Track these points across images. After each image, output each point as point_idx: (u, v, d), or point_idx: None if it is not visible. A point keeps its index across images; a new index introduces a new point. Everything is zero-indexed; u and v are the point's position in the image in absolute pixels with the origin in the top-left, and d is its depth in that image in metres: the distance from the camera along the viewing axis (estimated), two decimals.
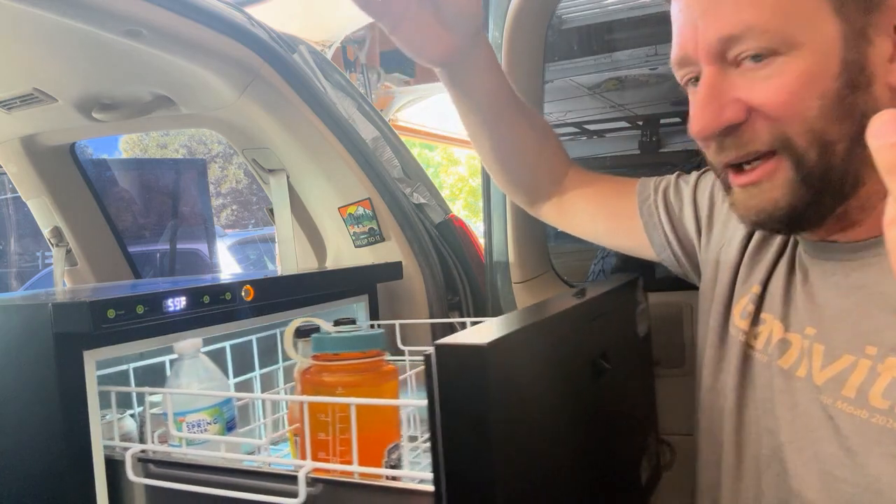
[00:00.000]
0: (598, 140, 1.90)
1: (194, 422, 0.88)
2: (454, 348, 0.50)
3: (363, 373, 0.80)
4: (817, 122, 0.58)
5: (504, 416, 0.51)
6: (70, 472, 0.78)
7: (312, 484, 0.71)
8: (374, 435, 0.78)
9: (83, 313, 0.74)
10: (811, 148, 0.59)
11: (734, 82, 0.60)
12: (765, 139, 0.60)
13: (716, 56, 0.60)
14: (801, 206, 0.61)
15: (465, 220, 1.60)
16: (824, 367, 0.64)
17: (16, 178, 1.63)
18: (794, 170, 0.60)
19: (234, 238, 6.01)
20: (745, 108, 0.60)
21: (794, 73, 0.57)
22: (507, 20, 1.19)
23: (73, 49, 1.10)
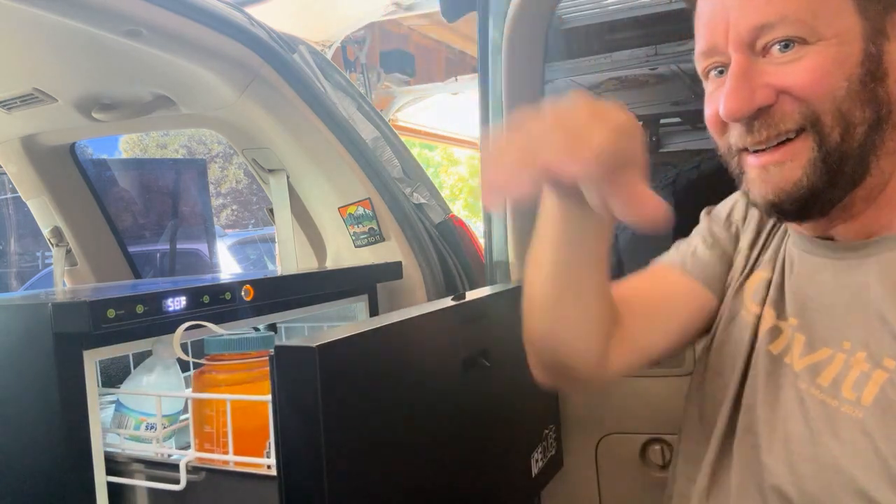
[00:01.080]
0: None
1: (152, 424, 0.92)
2: (291, 350, 0.57)
3: (246, 371, 0.91)
4: (845, 101, 0.62)
5: (338, 412, 0.56)
6: (70, 471, 0.78)
7: (195, 472, 0.81)
8: (254, 428, 0.86)
9: (83, 313, 0.74)
10: (836, 127, 0.63)
11: (762, 69, 0.64)
12: (795, 118, 0.64)
13: (746, 45, 0.64)
14: (819, 187, 0.64)
15: (465, 220, 1.60)
16: (803, 355, 0.70)
17: (16, 178, 1.63)
18: (816, 148, 0.64)
19: (234, 238, 6.01)
20: (774, 92, 0.64)
21: (822, 57, 0.62)
22: (507, 20, 1.19)
23: (73, 49, 1.10)
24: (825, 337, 0.69)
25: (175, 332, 0.89)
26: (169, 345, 0.87)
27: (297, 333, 1.31)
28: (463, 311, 0.82)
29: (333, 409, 0.56)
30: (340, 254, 1.46)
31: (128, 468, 0.85)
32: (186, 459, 0.81)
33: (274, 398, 0.57)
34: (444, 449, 0.74)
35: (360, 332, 0.62)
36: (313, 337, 0.60)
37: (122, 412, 0.93)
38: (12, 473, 0.81)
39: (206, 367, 0.94)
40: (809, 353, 0.69)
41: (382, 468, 0.64)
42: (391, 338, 0.66)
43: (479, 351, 0.83)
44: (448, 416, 0.74)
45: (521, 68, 1.24)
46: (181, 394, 0.94)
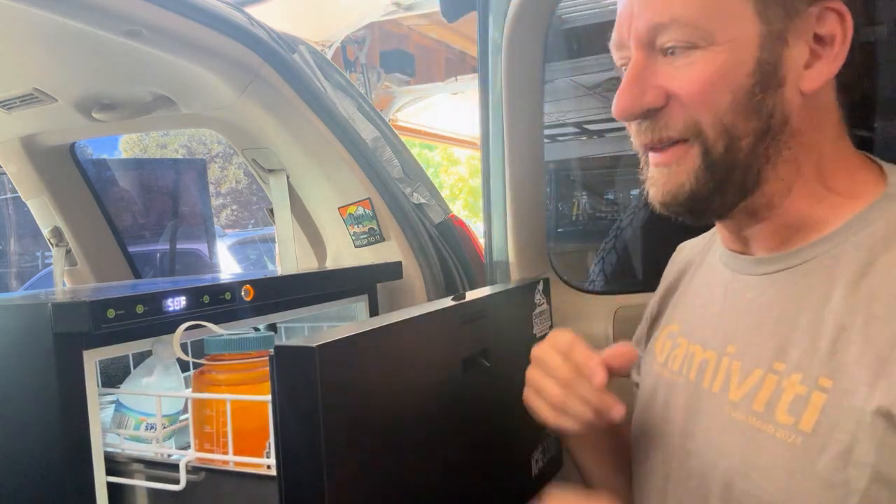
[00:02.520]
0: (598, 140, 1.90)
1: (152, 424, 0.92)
2: (290, 350, 0.56)
3: (246, 371, 0.91)
4: (727, 115, 0.61)
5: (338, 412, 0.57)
6: (70, 471, 0.78)
7: (194, 472, 0.81)
8: (254, 428, 0.86)
9: (83, 313, 0.74)
10: (719, 139, 0.62)
11: (658, 69, 0.63)
12: (679, 126, 0.63)
13: (645, 43, 0.63)
14: (704, 193, 0.64)
15: (465, 220, 1.60)
16: (741, 382, 0.66)
17: (16, 178, 1.63)
18: (701, 157, 0.63)
19: (234, 238, 6.01)
20: (664, 95, 0.63)
21: (711, 66, 0.61)
22: (507, 20, 1.19)
23: (73, 49, 1.10)
24: (756, 359, 0.65)
25: (175, 332, 0.89)
26: (169, 345, 0.87)
27: (298, 333, 1.31)
28: (463, 311, 0.82)
29: (333, 409, 0.56)
30: (340, 254, 1.46)
31: (127, 468, 0.85)
32: (186, 459, 0.81)
33: (274, 398, 0.58)
34: (443, 449, 0.74)
35: (360, 333, 0.62)
36: (313, 337, 0.60)
37: (122, 412, 0.93)
38: (12, 473, 0.81)
39: (206, 367, 0.94)
40: (745, 379, 0.65)
41: (382, 468, 0.64)
42: (391, 338, 0.66)
43: (479, 351, 0.83)
44: (448, 416, 0.74)
45: (521, 68, 1.24)
46: (181, 394, 0.94)
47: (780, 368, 0.62)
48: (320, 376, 0.55)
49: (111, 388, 1.01)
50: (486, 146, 1.36)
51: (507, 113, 1.27)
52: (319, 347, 0.55)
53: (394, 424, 0.65)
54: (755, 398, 0.63)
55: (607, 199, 1.98)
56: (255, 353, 0.93)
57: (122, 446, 0.90)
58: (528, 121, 1.31)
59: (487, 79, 1.30)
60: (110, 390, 1.00)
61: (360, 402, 0.61)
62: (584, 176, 1.97)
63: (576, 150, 1.91)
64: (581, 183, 1.98)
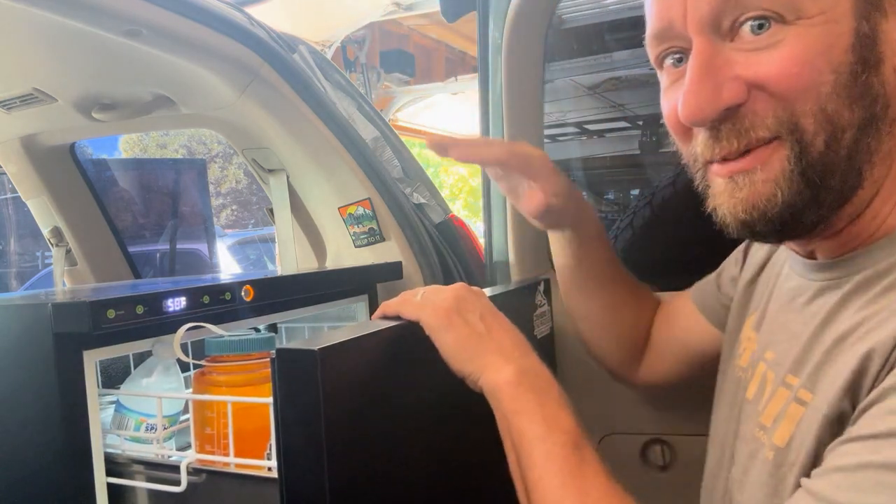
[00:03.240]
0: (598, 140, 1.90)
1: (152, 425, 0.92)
2: (292, 353, 0.56)
3: (248, 373, 0.90)
4: (831, 100, 0.50)
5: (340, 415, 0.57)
6: (70, 471, 0.78)
7: (195, 473, 0.81)
8: (254, 430, 0.86)
9: (83, 313, 0.74)
10: (820, 133, 0.50)
11: (730, 57, 0.52)
12: (769, 123, 0.51)
13: (709, 25, 0.52)
14: (799, 205, 0.52)
15: (465, 220, 1.60)
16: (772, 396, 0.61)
17: (16, 178, 1.63)
18: (794, 160, 0.51)
19: (234, 238, 6.01)
20: (745, 87, 0.51)
21: (804, 41, 0.49)
22: (507, 20, 1.19)
23: (73, 49, 1.10)
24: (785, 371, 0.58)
25: (175, 332, 0.89)
26: (169, 345, 0.87)
27: (298, 334, 1.31)
28: None
29: (334, 412, 0.56)
30: (340, 254, 1.46)
31: (128, 469, 0.85)
32: (187, 461, 0.81)
33: (275, 401, 0.57)
34: (446, 451, 0.74)
35: (362, 335, 0.62)
36: (314, 339, 0.59)
37: (123, 413, 0.93)
38: (12, 473, 0.81)
39: (207, 368, 0.94)
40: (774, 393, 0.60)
41: (384, 471, 0.64)
42: (393, 340, 0.66)
43: None
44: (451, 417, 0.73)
45: (521, 68, 1.24)
46: (182, 395, 0.94)
47: (792, 383, 0.56)
48: (322, 379, 0.55)
49: (111, 389, 1.01)
50: None
51: (507, 113, 1.27)
52: (321, 350, 0.55)
53: (395, 427, 0.65)
54: (765, 411, 0.60)
55: (607, 199, 1.98)
56: (255, 354, 0.93)
57: (122, 447, 0.90)
58: (528, 121, 1.31)
59: (487, 79, 1.30)
60: (110, 391, 1.00)
61: (361, 404, 0.61)
62: (584, 176, 1.97)
63: (576, 150, 1.91)
64: (581, 183, 1.98)
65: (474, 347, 0.64)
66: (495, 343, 0.65)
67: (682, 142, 0.60)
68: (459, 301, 0.67)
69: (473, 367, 0.64)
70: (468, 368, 0.64)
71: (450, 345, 0.65)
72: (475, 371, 0.64)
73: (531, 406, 0.61)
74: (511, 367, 0.63)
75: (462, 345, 0.65)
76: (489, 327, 0.66)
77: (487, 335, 0.65)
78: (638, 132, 1.81)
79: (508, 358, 0.64)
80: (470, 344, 0.65)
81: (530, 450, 0.59)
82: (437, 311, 0.66)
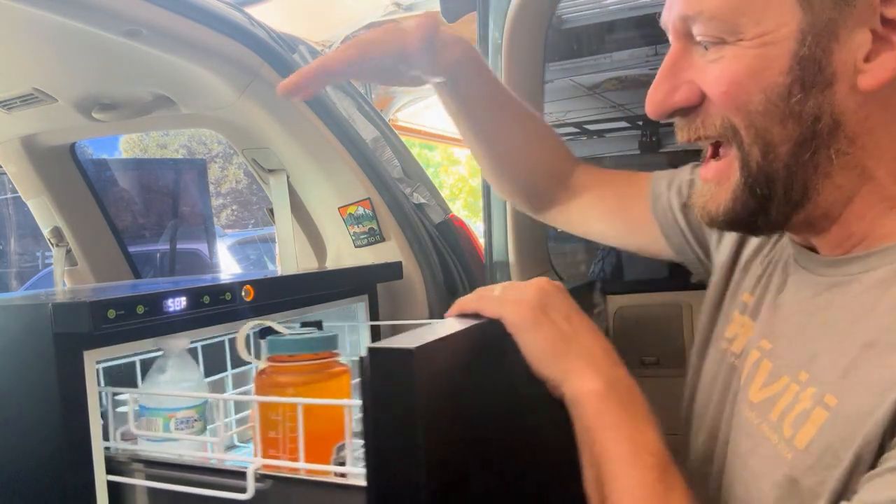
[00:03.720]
0: (598, 140, 1.90)
1: (184, 418, 0.89)
2: (385, 352, 0.53)
3: (313, 373, 0.84)
4: (759, 118, 0.55)
5: (434, 417, 0.53)
6: (70, 471, 0.78)
7: (261, 480, 0.75)
8: (322, 433, 0.81)
9: (83, 313, 0.74)
10: (754, 145, 0.56)
11: (693, 62, 0.58)
12: (716, 125, 0.58)
13: (681, 33, 0.58)
14: (744, 213, 0.59)
15: (465, 220, 1.60)
16: (765, 385, 0.62)
17: (16, 178, 1.63)
18: (740, 171, 0.58)
19: (234, 238, 6.02)
20: (698, 92, 0.58)
21: (738, 63, 0.54)
22: (507, 20, 1.19)
23: (73, 49, 1.10)
24: (788, 364, 0.60)
25: (175, 333, 0.89)
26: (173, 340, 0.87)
27: None
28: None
29: (431, 415, 0.52)
30: (340, 254, 1.46)
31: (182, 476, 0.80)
32: (254, 467, 0.75)
33: (365, 403, 0.53)
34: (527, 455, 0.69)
35: (452, 333, 0.57)
36: (404, 336, 0.56)
37: (147, 415, 0.90)
38: (12, 473, 0.81)
39: (270, 368, 0.88)
40: (771, 384, 0.61)
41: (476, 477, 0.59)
42: (477, 338, 0.61)
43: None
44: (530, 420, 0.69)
45: (521, 68, 1.24)
46: (248, 398, 0.87)
47: (803, 379, 0.57)
48: (419, 380, 0.51)
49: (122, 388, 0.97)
50: None
51: None
52: (418, 349, 0.51)
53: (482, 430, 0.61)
54: (774, 406, 0.59)
55: None
56: (319, 354, 0.86)
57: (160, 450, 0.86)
58: None
59: None
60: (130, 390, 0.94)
61: (452, 406, 0.55)
62: None
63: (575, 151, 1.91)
64: None
65: (560, 350, 0.61)
66: (582, 347, 0.61)
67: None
68: (544, 296, 0.63)
69: (557, 370, 0.61)
70: (551, 372, 0.61)
71: (534, 345, 0.61)
72: (558, 375, 0.60)
73: (618, 422, 0.58)
74: (598, 376, 0.59)
75: (547, 346, 0.61)
76: (576, 329, 0.62)
77: (574, 338, 0.62)
78: (638, 132, 1.81)
79: (596, 366, 0.60)
80: (555, 346, 0.61)
81: (615, 471, 0.56)
82: (520, 308, 0.61)
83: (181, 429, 0.89)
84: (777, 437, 0.57)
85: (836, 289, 0.59)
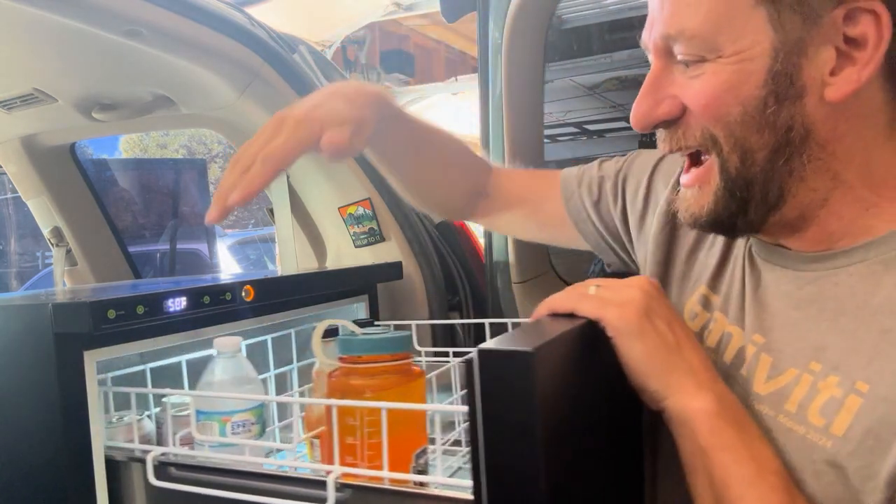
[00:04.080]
0: (598, 140, 1.90)
1: (239, 422, 0.86)
2: (499, 353, 0.49)
3: (392, 375, 0.78)
4: (738, 128, 0.59)
5: (550, 425, 0.49)
6: (70, 472, 0.78)
7: (341, 489, 0.70)
8: (403, 439, 0.76)
9: (84, 314, 0.74)
10: (733, 152, 0.60)
11: (675, 78, 0.62)
12: (696, 136, 0.62)
13: (662, 51, 0.62)
14: (725, 215, 0.62)
15: None
16: (770, 378, 0.63)
17: (16, 178, 1.63)
18: (720, 176, 0.61)
19: (234, 238, 6.02)
20: (680, 105, 0.62)
21: (718, 78, 0.59)
22: (507, 20, 1.19)
23: (73, 49, 1.10)
24: (792, 357, 0.61)
25: (175, 333, 0.89)
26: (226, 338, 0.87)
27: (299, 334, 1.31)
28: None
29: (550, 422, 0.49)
30: (340, 254, 1.46)
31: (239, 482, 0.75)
32: (334, 475, 0.70)
33: (472, 409, 0.50)
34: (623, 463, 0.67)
35: (565, 332, 0.54)
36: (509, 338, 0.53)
37: (202, 419, 0.86)
38: (12, 473, 0.81)
39: (344, 370, 0.82)
40: (776, 376, 0.62)
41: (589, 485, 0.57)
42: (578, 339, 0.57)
43: None
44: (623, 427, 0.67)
45: (521, 68, 1.24)
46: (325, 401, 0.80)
47: (816, 369, 0.59)
48: (539, 384, 0.48)
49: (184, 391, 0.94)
50: (486, 146, 1.36)
51: (507, 113, 1.28)
52: (538, 350, 0.48)
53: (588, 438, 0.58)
54: (788, 397, 0.60)
55: None
56: (400, 354, 0.81)
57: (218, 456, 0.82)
58: (528, 121, 1.31)
59: (487, 79, 1.31)
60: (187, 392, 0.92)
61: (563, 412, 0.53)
62: None
63: (576, 151, 1.90)
64: None
65: (663, 362, 0.58)
66: (685, 360, 0.59)
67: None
68: (649, 300, 0.61)
69: (660, 385, 0.58)
70: (653, 385, 0.58)
71: (637, 355, 0.58)
72: (661, 390, 0.58)
73: (735, 442, 0.56)
74: (707, 393, 0.58)
75: (650, 357, 0.58)
76: (678, 340, 0.60)
77: (677, 349, 0.59)
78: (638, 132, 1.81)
79: (700, 382, 0.59)
80: (659, 357, 0.58)
81: (740, 493, 0.55)
82: (624, 311, 0.59)
83: (237, 433, 0.86)
84: (805, 428, 0.58)
85: (821, 282, 0.62)
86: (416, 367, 0.82)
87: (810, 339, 0.61)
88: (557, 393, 0.52)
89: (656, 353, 0.58)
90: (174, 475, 0.79)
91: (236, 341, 0.90)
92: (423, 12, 4.86)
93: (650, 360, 0.58)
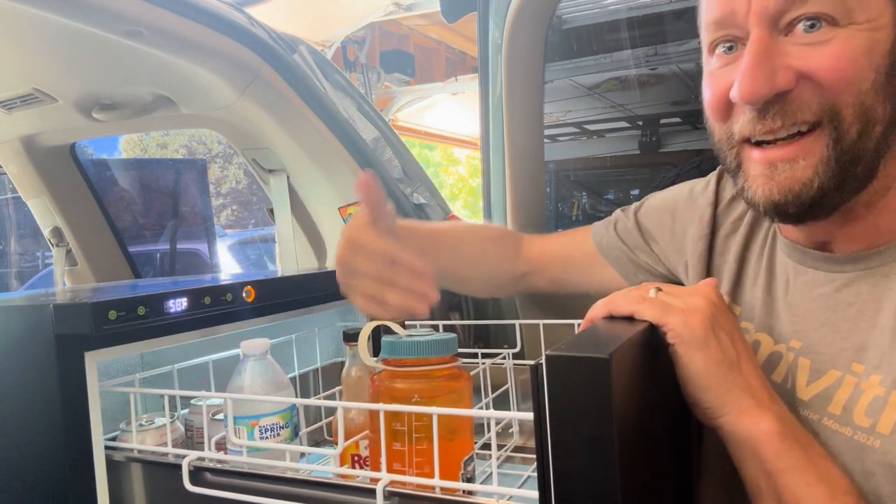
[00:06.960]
0: (598, 140, 1.90)
1: (267, 425, 0.85)
2: (570, 360, 0.47)
3: (440, 379, 0.75)
4: (868, 95, 0.57)
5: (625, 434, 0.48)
6: (71, 473, 0.78)
7: (389, 497, 0.67)
8: (452, 446, 0.73)
9: (84, 314, 0.74)
10: (855, 123, 0.58)
11: (783, 49, 0.59)
12: (813, 108, 0.58)
13: (770, 19, 0.58)
14: (828, 189, 0.59)
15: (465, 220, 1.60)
16: (811, 382, 0.63)
17: (16, 178, 1.63)
18: (832, 147, 0.58)
19: (234, 238, 6.02)
20: (794, 76, 0.58)
21: (852, 42, 0.57)
22: (507, 20, 1.19)
23: (73, 49, 1.10)
24: (832, 359, 0.61)
25: (174, 334, 0.89)
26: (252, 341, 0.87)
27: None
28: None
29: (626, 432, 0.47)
30: None
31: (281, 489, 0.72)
32: (383, 483, 0.67)
33: (539, 416, 0.48)
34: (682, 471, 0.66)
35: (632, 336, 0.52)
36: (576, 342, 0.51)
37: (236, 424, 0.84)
38: (13, 474, 0.81)
39: (386, 373, 0.78)
40: (817, 379, 0.62)
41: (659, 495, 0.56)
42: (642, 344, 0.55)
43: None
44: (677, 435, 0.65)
45: (521, 68, 1.24)
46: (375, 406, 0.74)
47: (858, 370, 0.59)
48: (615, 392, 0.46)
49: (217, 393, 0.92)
50: (486, 146, 1.36)
51: (507, 113, 1.28)
52: (614, 357, 0.46)
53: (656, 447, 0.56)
54: (832, 400, 0.60)
55: (607, 199, 1.98)
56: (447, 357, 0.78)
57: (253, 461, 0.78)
58: (528, 121, 1.31)
59: (487, 79, 1.31)
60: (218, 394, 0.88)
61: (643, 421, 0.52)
62: (584, 176, 1.97)
63: (576, 150, 1.91)
64: (581, 183, 1.98)
65: (723, 377, 0.56)
66: (743, 378, 0.57)
67: (720, 121, 0.65)
68: (715, 311, 0.58)
69: (717, 401, 0.56)
70: (709, 399, 0.56)
71: (697, 366, 0.56)
72: (718, 407, 0.56)
73: (802, 464, 0.55)
74: (769, 414, 0.56)
75: (711, 370, 0.56)
76: (739, 354, 0.58)
77: (737, 365, 0.57)
78: (638, 132, 1.81)
79: (761, 401, 0.57)
80: (719, 372, 0.56)
81: None
82: (689, 319, 0.56)
83: (266, 437, 0.84)
84: (851, 430, 0.58)
85: (858, 283, 0.62)
86: (463, 371, 0.79)
87: (851, 340, 0.61)
88: (628, 400, 0.49)
89: (717, 368, 0.56)
90: (210, 481, 0.75)
91: (264, 343, 0.88)
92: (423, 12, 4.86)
93: (710, 373, 0.56)
